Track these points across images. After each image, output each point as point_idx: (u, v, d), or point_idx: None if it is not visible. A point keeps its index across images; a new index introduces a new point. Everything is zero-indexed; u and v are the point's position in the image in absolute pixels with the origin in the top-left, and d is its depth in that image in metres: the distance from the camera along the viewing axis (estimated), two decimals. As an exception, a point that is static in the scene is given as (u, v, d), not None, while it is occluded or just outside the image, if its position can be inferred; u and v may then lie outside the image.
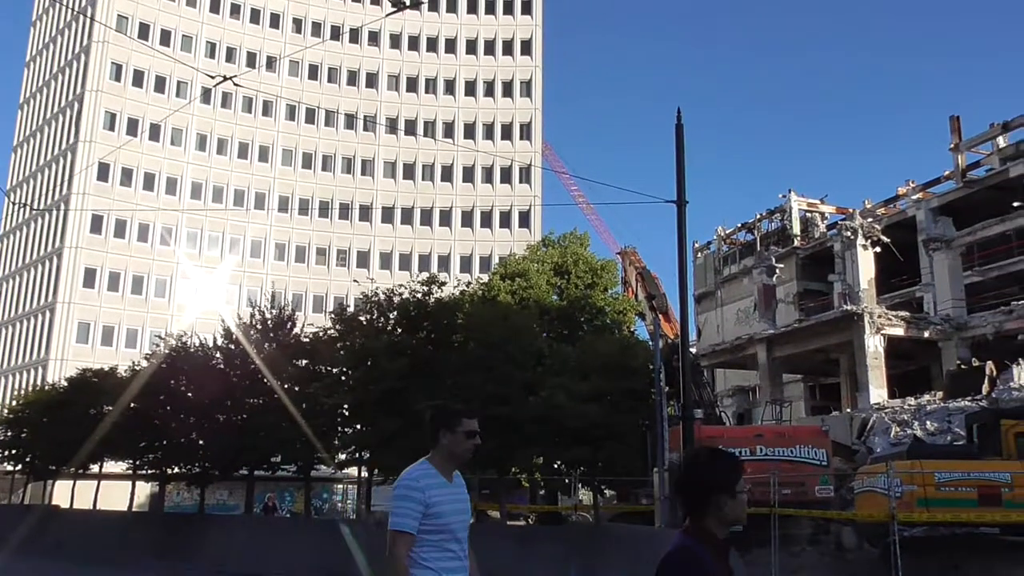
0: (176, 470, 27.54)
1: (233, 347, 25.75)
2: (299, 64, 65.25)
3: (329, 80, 66.82)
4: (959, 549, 16.00)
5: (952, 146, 46.02)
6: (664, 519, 16.80)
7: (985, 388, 29.03)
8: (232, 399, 24.94)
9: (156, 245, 59.26)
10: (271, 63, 62.65)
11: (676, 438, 16.88)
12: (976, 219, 39.52)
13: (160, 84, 61.25)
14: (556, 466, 27.79)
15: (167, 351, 26.91)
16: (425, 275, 24.56)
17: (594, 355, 22.11)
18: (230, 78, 16.49)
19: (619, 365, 21.54)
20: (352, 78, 67.32)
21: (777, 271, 45.56)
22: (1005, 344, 34.23)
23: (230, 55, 63.66)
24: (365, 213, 64.64)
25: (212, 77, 17.30)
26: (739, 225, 58.96)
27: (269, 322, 26.47)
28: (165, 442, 26.34)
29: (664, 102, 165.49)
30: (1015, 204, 39.19)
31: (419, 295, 22.26)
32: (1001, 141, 46.73)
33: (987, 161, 46.98)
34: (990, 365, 30.61)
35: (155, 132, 59.32)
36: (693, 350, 43.91)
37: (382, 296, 22.63)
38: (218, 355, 26.18)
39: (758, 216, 57.15)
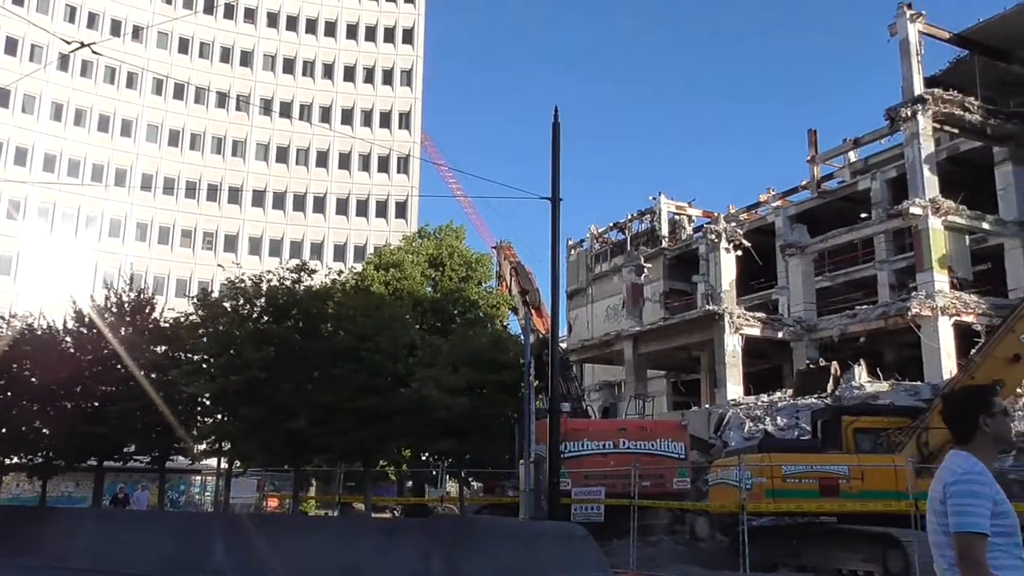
0: (16, 460, 25.74)
1: (85, 331, 24.35)
2: (168, 36, 62.09)
3: (201, 55, 63.90)
4: (802, 537, 17.04)
5: (809, 158, 48.88)
6: (528, 511, 17.06)
7: (830, 387, 30.97)
8: (82, 385, 23.57)
9: (2, 219, 55.17)
10: (137, 33, 59.32)
11: (543, 431, 17.15)
12: (828, 227, 42.10)
13: (11, 46, 56.87)
14: (424, 458, 27.79)
15: (10, 333, 25.11)
16: (296, 262, 23.97)
17: (466, 348, 22.24)
18: (89, 45, 15.59)
19: (490, 358, 21.76)
20: (225, 55, 64.66)
21: (645, 270, 47.06)
22: (849, 345, 36.64)
23: (92, 21, 59.83)
24: (235, 196, 62.25)
25: (69, 43, 16.25)
26: (611, 224, 60.58)
27: (126, 305, 25.18)
28: (3, 430, 24.55)
29: (543, 99, 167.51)
30: (862, 215, 42.01)
31: (288, 282, 21.72)
32: (852, 156, 50.04)
33: (840, 174, 50.21)
34: (835, 365, 32.69)
35: (3, 97, 55.15)
36: (563, 345, 44.78)
37: (249, 282, 21.93)
38: (68, 339, 24.67)
39: (629, 216, 58.91)
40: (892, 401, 25.09)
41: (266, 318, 21.67)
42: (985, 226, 35.50)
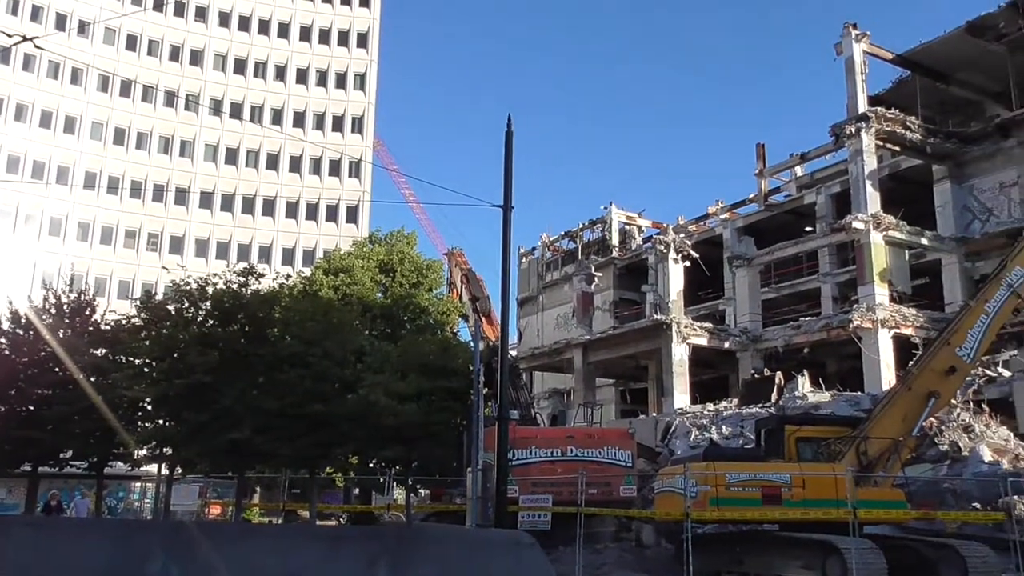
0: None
1: (22, 332, 23.62)
2: (116, 32, 60.74)
3: (149, 53, 62.63)
4: (744, 544, 17.28)
5: (757, 171, 49.83)
6: (475, 518, 17.01)
7: (774, 396, 31.52)
8: (16, 388, 22.84)
9: (-65, 216, 53.37)
10: (83, 27, 57.95)
11: (491, 438, 17.13)
12: (775, 240, 42.93)
13: (-51, 38, 55.14)
14: (372, 465, 27.53)
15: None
16: (243, 265, 23.60)
17: (415, 354, 22.11)
18: (32, 39, 15.15)
19: (439, 365, 21.67)
20: (175, 53, 63.45)
21: (596, 279, 47.41)
22: (793, 356, 37.37)
23: (36, 14, 58.24)
24: (181, 196, 61.06)
25: (10, 36, 15.79)
26: (563, 233, 60.96)
27: (66, 307, 24.50)
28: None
29: (498, 107, 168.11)
30: (807, 229, 42.93)
31: (235, 286, 21.37)
32: (799, 170, 51.15)
33: (786, 187, 51.28)
34: (779, 375, 33.29)
35: (-60, 91, 53.42)
36: (513, 353, 44.86)
37: (195, 285, 21.52)
38: (3, 340, 23.91)
39: (581, 226, 59.34)
40: (833, 411, 25.62)
41: (211, 322, 21.28)
42: (924, 242, 36.56)
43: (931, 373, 17.73)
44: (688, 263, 41.17)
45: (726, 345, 39.47)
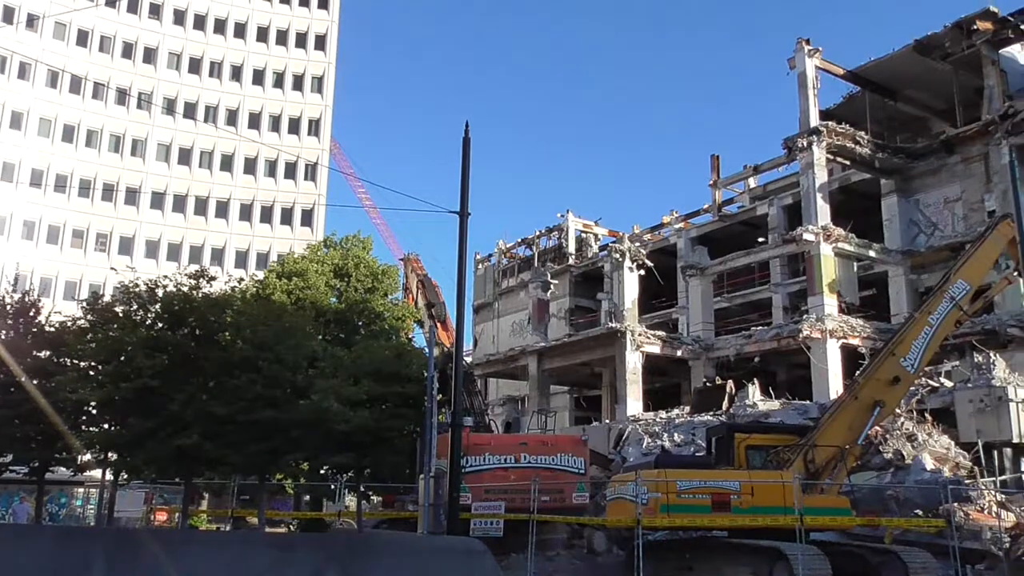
0: None
1: (-39, 333, 22.87)
2: (67, 27, 59.37)
3: (101, 49, 61.28)
4: (694, 550, 17.48)
5: (711, 182, 50.57)
6: (427, 526, 16.93)
7: (725, 404, 31.92)
8: (-46, 391, 22.09)
9: None
10: (32, 21, 56.53)
11: (445, 445, 17.09)
12: (728, 250, 43.55)
13: None
14: (323, 472, 27.22)
15: None
16: (195, 268, 23.19)
17: (369, 360, 21.94)
18: (-24, 32, 14.73)
19: (394, 371, 21.53)
20: (128, 50, 62.21)
21: (552, 287, 47.61)
22: (744, 365, 37.92)
23: (-19, 7, 56.77)
24: (132, 196, 59.83)
25: (-46, 28, 15.33)
26: (519, 240, 61.09)
27: (9, 307, 23.80)
28: None
29: (457, 113, 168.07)
30: (760, 240, 43.64)
31: (186, 288, 20.98)
32: (752, 182, 52.02)
33: (740, 198, 52.11)
34: (730, 384, 33.75)
35: None
36: (468, 359, 44.83)
37: (144, 287, 21.08)
38: (-60, 342, 23.13)
39: (538, 233, 59.54)
40: (782, 419, 26.01)
41: (160, 325, 20.86)
42: (872, 254, 37.41)
43: (876, 383, 18.13)
44: (643, 272, 41.56)
45: (679, 353, 39.88)
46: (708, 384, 36.96)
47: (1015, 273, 20.08)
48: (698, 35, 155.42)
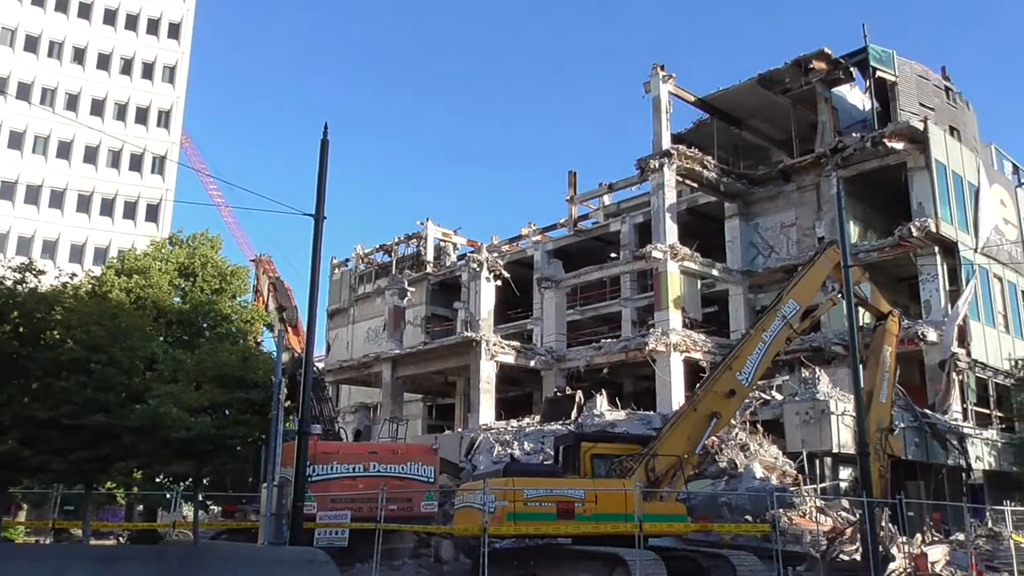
0: None
1: None
2: None
3: (-80, 19, 56.18)
4: (539, 558, 17.76)
5: (568, 198, 51.89)
6: (269, 535, 16.38)
7: (574, 414, 32.72)
8: None
9: None
10: None
11: (290, 453, 16.60)
12: (581, 264, 44.77)
13: None
14: (158, 480, 25.82)
15: None
16: (22, 260, 21.51)
17: (213, 364, 20.98)
18: None
19: (239, 376, 20.68)
20: (-47, 24, 57.30)
21: (409, 294, 47.35)
22: (594, 376, 39.02)
23: None
24: (-47, 181, 55.03)
25: None
26: (378, 246, 60.45)
27: None
28: None
29: (317, 114, 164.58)
30: (612, 255, 45.12)
31: (9, 282, 19.41)
32: (607, 199, 53.75)
33: (595, 215, 53.70)
34: (580, 394, 34.65)
35: None
36: (320, 365, 43.78)
37: (-39, 279, 19.35)
38: None
39: (397, 240, 59.13)
40: (627, 429, 26.92)
41: (-22, 321, 19.21)
42: (715, 272, 39.45)
43: (714, 395, 19.08)
44: (500, 282, 42.03)
45: (532, 363, 40.55)
46: (558, 394, 37.75)
47: (839, 295, 21.69)
48: (563, 56, 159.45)
